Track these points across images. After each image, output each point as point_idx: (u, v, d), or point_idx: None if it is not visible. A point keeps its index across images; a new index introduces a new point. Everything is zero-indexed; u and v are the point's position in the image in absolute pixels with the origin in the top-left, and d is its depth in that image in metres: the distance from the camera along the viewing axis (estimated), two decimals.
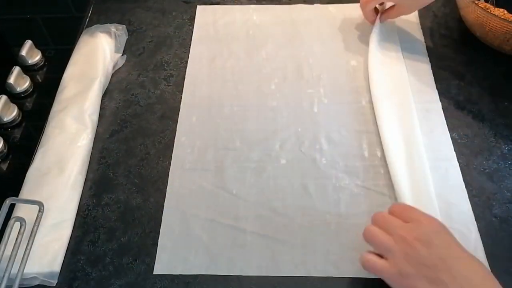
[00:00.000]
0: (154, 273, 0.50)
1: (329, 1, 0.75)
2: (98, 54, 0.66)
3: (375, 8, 0.69)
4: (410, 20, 0.73)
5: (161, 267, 0.50)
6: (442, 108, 0.62)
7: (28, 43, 0.71)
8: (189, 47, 0.71)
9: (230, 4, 0.78)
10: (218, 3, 0.78)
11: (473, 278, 0.41)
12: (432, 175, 0.55)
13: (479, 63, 0.67)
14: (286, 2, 0.77)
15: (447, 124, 0.60)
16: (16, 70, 0.66)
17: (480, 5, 0.63)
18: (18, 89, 0.66)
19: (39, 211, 0.51)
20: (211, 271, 0.50)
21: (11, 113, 0.64)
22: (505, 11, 0.62)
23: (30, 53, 0.71)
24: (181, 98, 0.65)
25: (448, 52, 0.69)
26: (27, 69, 0.70)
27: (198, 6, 0.77)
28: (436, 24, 0.73)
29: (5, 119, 0.63)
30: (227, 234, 0.52)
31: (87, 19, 0.76)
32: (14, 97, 0.66)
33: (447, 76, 0.66)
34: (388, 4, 0.70)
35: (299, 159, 0.58)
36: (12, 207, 0.51)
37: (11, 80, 0.66)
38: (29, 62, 0.70)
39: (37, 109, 0.66)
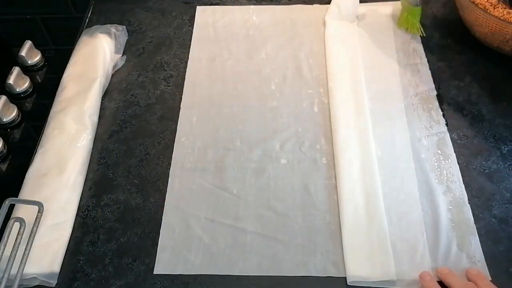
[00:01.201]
0: (154, 273, 0.50)
1: (329, 1, 0.75)
2: (98, 54, 0.66)
3: None
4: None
5: (161, 267, 0.50)
6: (442, 109, 0.62)
7: (28, 44, 0.71)
8: (189, 48, 0.71)
9: (230, 4, 0.78)
10: (217, 4, 0.78)
11: None
12: (432, 176, 0.56)
13: (479, 63, 0.67)
14: (286, 2, 0.77)
15: (446, 124, 0.61)
16: (16, 70, 0.66)
17: (479, 6, 0.63)
18: (17, 90, 0.66)
19: (38, 211, 0.51)
20: (211, 271, 0.50)
21: (11, 114, 0.64)
22: (505, 12, 0.62)
23: (30, 53, 0.71)
24: (181, 98, 0.65)
25: (448, 53, 0.69)
26: (27, 70, 0.70)
27: (197, 7, 0.77)
28: (436, 25, 0.73)
29: (4, 120, 0.63)
30: (227, 234, 0.52)
31: (87, 20, 0.76)
32: (14, 98, 0.66)
33: (447, 76, 0.66)
34: None
35: (299, 159, 0.58)
36: (11, 207, 0.51)
37: (11, 80, 0.66)
38: (29, 62, 0.70)
39: (37, 109, 0.66)
